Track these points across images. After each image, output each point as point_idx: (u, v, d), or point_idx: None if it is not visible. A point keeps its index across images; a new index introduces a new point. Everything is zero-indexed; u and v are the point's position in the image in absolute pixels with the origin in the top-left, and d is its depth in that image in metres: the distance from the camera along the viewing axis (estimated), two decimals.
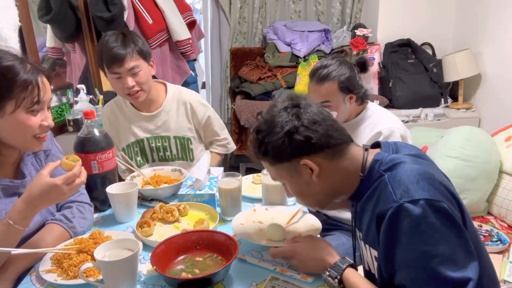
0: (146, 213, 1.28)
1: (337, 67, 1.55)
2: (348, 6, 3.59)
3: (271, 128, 0.92)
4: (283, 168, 0.95)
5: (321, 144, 0.91)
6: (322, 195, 0.99)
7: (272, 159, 0.95)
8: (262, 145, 0.93)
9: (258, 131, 0.95)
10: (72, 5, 2.56)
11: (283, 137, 0.90)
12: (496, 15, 2.80)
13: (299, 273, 1.01)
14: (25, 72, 1.04)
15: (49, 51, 2.75)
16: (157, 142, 1.75)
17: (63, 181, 1.02)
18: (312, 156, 0.92)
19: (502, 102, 2.79)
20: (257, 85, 3.22)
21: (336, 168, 0.94)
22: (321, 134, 0.91)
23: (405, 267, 0.80)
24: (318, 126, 0.91)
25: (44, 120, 1.10)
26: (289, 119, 0.91)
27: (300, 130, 0.90)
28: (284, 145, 0.91)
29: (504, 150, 2.00)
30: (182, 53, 2.84)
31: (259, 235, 1.14)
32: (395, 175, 0.86)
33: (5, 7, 1.85)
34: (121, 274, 0.94)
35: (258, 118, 0.97)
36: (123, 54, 1.54)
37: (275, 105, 0.96)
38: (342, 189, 0.98)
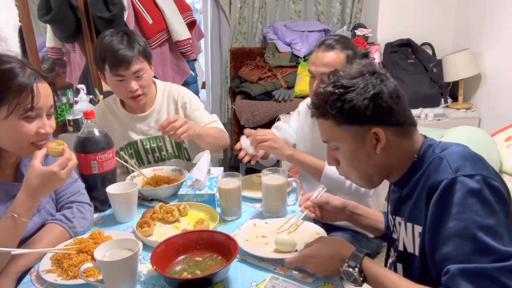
0: (146, 213, 1.28)
1: (346, 41, 1.53)
2: (348, 6, 3.59)
3: (354, 86, 0.89)
4: (349, 131, 0.91)
5: (398, 119, 0.90)
6: (374, 169, 0.96)
7: (343, 118, 0.90)
8: (338, 101, 0.89)
9: (339, 86, 0.90)
10: (72, 5, 2.56)
11: (367, 98, 0.87)
12: (496, 15, 2.79)
13: (299, 273, 1.01)
14: (22, 77, 1.02)
15: (49, 51, 2.76)
16: (151, 143, 1.70)
17: (59, 167, 1.03)
18: (384, 127, 0.90)
19: (502, 102, 2.79)
20: (257, 85, 3.22)
21: (398, 146, 0.93)
22: (400, 109, 0.90)
23: (451, 237, 0.79)
24: (400, 100, 0.90)
25: (41, 128, 1.07)
26: (376, 83, 0.89)
27: (385, 97, 0.88)
28: (366, 107, 0.88)
29: (504, 150, 2.00)
30: (182, 53, 2.84)
31: (267, 249, 1.12)
32: (451, 152, 0.87)
33: (5, 7, 1.85)
34: (121, 274, 0.94)
35: (338, 73, 0.92)
36: (130, 57, 1.49)
37: (353, 67, 0.93)
38: (394, 169, 0.96)
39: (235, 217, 1.31)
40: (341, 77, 0.91)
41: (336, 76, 0.92)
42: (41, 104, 1.05)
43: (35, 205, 1.05)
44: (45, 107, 1.07)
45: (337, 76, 0.92)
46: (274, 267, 1.04)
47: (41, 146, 1.09)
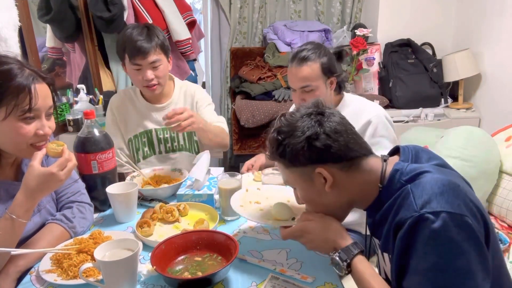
0: (146, 213, 1.28)
1: (317, 49, 1.52)
2: (348, 6, 3.59)
3: (292, 131, 0.92)
4: (297, 173, 0.94)
5: (339, 155, 0.90)
6: (333, 207, 0.98)
7: (288, 162, 0.94)
8: (280, 146, 0.93)
9: (279, 131, 0.94)
10: (72, 5, 2.56)
11: (303, 141, 0.90)
12: (496, 15, 2.80)
13: (299, 273, 1.01)
14: (20, 78, 1.02)
15: (49, 51, 2.75)
16: (165, 133, 1.77)
17: (58, 168, 1.02)
18: (328, 166, 0.91)
19: (502, 102, 2.79)
20: (257, 85, 3.22)
21: (351, 180, 0.93)
22: (341, 145, 0.90)
23: (415, 274, 0.80)
24: (340, 137, 0.91)
25: (40, 129, 1.06)
26: (311, 125, 0.91)
27: (321, 137, 0.90)
28: (303, 150, 0.90)
29: (504, 150, 2.00)
30: (182, 53, 2.84)
31: (262, 215, 1.13)
32: (418, 184, 0.85)
33: (5, 7, 1.85)
34: (121, 274, 0.94)
35: (281, 119, 0.96)
36: (148, 48, 1.58)
37: (299, 109, 0.96)
38: (356, 201, 0.97)
39: (235, 217, 1.31)
40: (284, 123, 0.94)
41: (280, 122, 0.95)
42: (39, 105, 1.04)
43: (34, 206, 1.05)
44: (44, 108, 1.07)
45: (282, 121, 0.95)
46: (274, 267, 1.04)
47: (40, 147, 1.09)
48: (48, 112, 1.09)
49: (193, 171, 1.40)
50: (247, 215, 1.11)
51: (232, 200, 1.18)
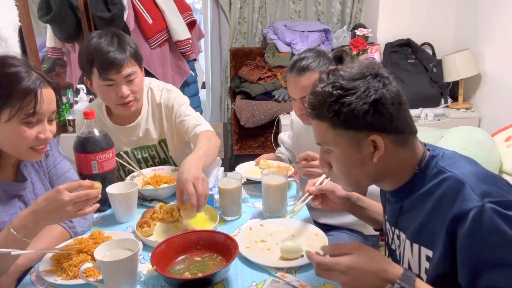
0: (146, 213, 1.27)
1: (317, 58, 1.48)
2: (348, 6, 3.59)
3: (355, 89, 0.83)
4: (344, 136, 0.86)
5: (398, 127, 0.85)
6: (367, 177, 0.92)
7: (339, 122, 0.85)
8: (337, 103, 0.83)
9: (338, 87, 0.84)
10: (72, 5, 2.56)
11: (367, 104, 0.82)
12: (496, 15, 2.79)
13: (298, 280, 1.00)
14: (27, 82, 1.01)
15: (49, 51, 2.75)
16: (143, 152, 1.64)
17: (65, 187, 0.98)
18: (383, 135, 0.84)
19: (502, 102, 2.79)
20: (257, 85, 3.22)
21: (397, 156, 0.87)
22: (402, 116, 0.85)
23: (498, 266, 0.75)
24: (401, 107, 0.85)
25: (41, 133, 1.06)
26: (378, 87, 0.83)
27: (387, 103, 0.83)
28: (365, 113, 0.82)
29: (504, 150, 2.00)
30: (182, 53, 2.84)
31: (272, 256, 1.09)
32: (468, 174, 0.81)
33: (5, 7, 1.85)
34: (121, 274, 0.94)
35: (339, 73, 0.86)
36: (121, 59, 1.39)
37: (356, 66, 0.87)
38: (389, 178, 0.91)
39: (235, 217, 1.31)
40: (341, 77, 0.85)
41: (335, 76, 0.86)
42: (43, 109, 1.05)
43: (36, 228, 0.99)
44: (47, 113, 1.07)
45: (337, 75, 0.86)
46: (275, 271, 1.03)
47: (40, 151, 1.09)
48: (51, 117, 1.09)
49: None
50: (257, 260, 1.07)
51: (239, 240, 1.09)
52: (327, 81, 0.86)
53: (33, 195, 1.16)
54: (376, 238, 1.63)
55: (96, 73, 1.41)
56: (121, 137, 1.60)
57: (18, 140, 1.04)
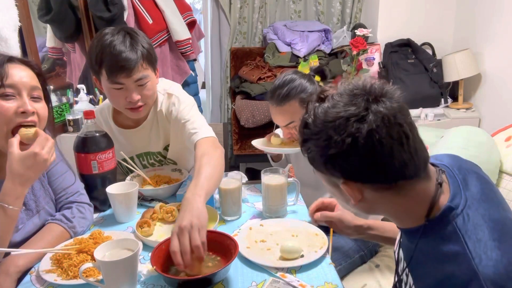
0: (146, 213, 1.27)
1: (296, 84, 1.45)
2: (348, 6, 3.59)
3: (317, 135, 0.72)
4: (323, 176, 0.78)
5: (375, 177, 0.70)
6: (364, 213, 0.82)
7: (311, 163, 0.78)
8: (303, 144, 0.77)
9: (306, 124, 0.75)
10: (72, 5, 2.57)
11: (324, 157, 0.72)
12: (496, 15, 2.79)
13: (298, 280, 1.00)
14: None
15: (49, 51, 2.75)
16: (148, 158, 1.59)
17: (39, 147, 1.01)
18: (358, 183, 0.72)
19: (502, 102, 2.79)
20: (257, 85, 3.22)
21: (388, 202, 0.74)
22: (383, 166, 0.69)
23: None
24: (377, 155, 0.68)
25: (21, 107, 1.04)
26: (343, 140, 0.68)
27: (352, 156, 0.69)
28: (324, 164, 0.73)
29: (504, 150, 2.00)
30: (182, 53, 2.84)
31: (271, 256, 1.09)
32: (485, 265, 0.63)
33: (5, 7, 1.86)
34: (121, 274, 0.94)
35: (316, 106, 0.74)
36: (133, 62, 1.28)
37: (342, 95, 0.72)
38: (391, 219, 0.80)
39: (235, 217, 1.31)
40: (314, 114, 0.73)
41: (315, 109, 0.74)
42: (15, 81, 1.04)
43: (24, 192, 1.02)
44: (23, 87, 1.05)
45: (316, 108, 0.74)
46: (275, 271, 1.04)
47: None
48: (33, 94, 1.08)
49: None
50: (257, 260, 1.07)
51: (239, 241, 1.09)
52: (308, 113, 0.76)
53: (32, 194, 1.16)
54: None
55: (105, 75, 1.31)
56: (126, 140, 1.53)
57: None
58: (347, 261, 1.48)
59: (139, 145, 1.56)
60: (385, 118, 0.67)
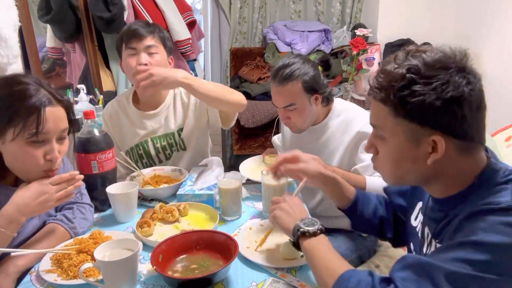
0: (146, 213, 1.27)
1: (300, 66, 1.45)
2: (348, 6, 3.59)
3: (434, 78, 0.72)
4: (405, 127, 0.77)
5: (468, 133, 0.75)
6: (415, 176, 0.83)
7: (404, 111, 0.75)
8: (407, 88, 0.74)
9: (415, 71, 0.74)
10: (72, 5, 2.57)
11: (442, 100, 0.72)
12: (496, 15, 2.79)
13: (298, 280, 1.00)
14: (33, 99, 0.98)
15: (49, 51, 2.76)
16: (161, 141, 1.67)
17: (49, 181, 1.02)
18: (448, 138, 0.75)
19: (502, 102, 2.79)
20: (257, 85, 3.22)
21: (456, 162, 0.78)
22: (476, 124, 0.75)
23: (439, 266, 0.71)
24: (479, 113, 0.75)
25: (48, 153, 1.03)
26: (461, 85, 0.72)
27: (465, 105, 0.73)
28: (437, 109, 0.72)
29: (504, 150, 2.00)
30: (182, 53, 2.84)
31: (272, 257, 1.09)
32: None
33: (5, 7, 1.85)
34: (121, 274, 0.94)
35: (420, 55, 0.76)
36: (144, 32, 1.52)
37: (438, 51, 0.77)
38: (439, 184, 0.83)
39: (235, 217, 1.31)
40: (421, 60, 0.74)
41: (415, 58, 0.75)
42: (48, 129, 1.01)
43: (19, 219, 1.01)
44: (54, 132, 1.03)
45: (416, 57, 0.75)
46: (275, 271, 1.03)
47: (52, 174, 1.07)
48: (61, 136, 1.06)
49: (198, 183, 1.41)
50: (257, 260, 1.07)
51: (239, 241, 1.09)
52: (403, 60, 0.76)
53: None
54: (374, 238, 1.62)
55: (124, 47, 1.54)
56: (142, 123, 1.66)
57: (26, 161, 1.02)
58: None
59: (156, 126, 1.66)
60: (481, 80, 0.77)
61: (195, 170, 1.52)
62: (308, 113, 1.50)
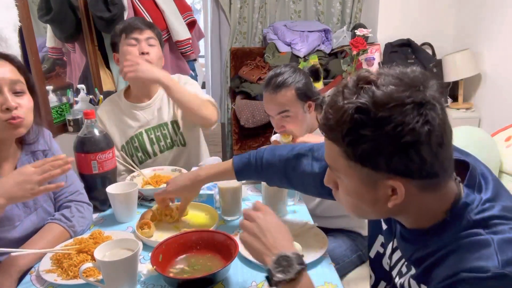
0: (146, 214, 1.27)
1: (292, 74, 1.48)
2: (348, 6, 3.59)
3: (384, 121, 0.63)
4: (358, 171, 0.69)
5: (428, 173, 0.67)
6: (377, 215, 0.79)
7: (354, 155, 0.67)
8: (356, 132, 0.65)
9: (364, 111, 0.64)
10: (72, 5, 2.56)
11: (396, 146, 0.64)
12: (496, 15, 2.80)
13: None
14: None
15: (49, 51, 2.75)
16: (155, 131, 1.73)
17: (30, 165, 1.03)
18: (408, 180, 0.67)
19: (502, 102, 2.79)
20: (257, 85, 3.22)
21: (420, 200, 0.71)
22: (441, 161, 0.66)
23: None
24: (443, 149, 0.66)
25: (3, 104, 1.04)
26: (416, 126, 0.62)
27: (424, 148, 0.64)
28: (389, 155, 0.65)
29: (504, 150, 2.00)
30: (182, 53, 2.84)
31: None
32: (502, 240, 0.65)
33: (5, 7, 1.85)
34: (121, 274, 0.94)
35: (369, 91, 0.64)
36: (144, 26, 1.65)
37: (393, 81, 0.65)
38: (405, 219, 0.78)
39: (235, 217, 1.31)
40: (372, 97, 0.64)
41: (366, 92, 0.65)
42: None
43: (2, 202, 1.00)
44: (3, 82, 1.06)
45: (368, 91, 0.65)
46: None
47: (12, 123, 1.07)
48: (14, 88, 1.08)
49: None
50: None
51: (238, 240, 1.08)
52: (353, 94, 0.66)
53: None
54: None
55: (124, 36, 1.64)
56: (135, 114, 1.72)
57: None
58: (345, 261, 1.48)
59: (149, 118, 1.72)
60: (444, 109, 0.66)
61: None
62: (302, 120, 1.51)
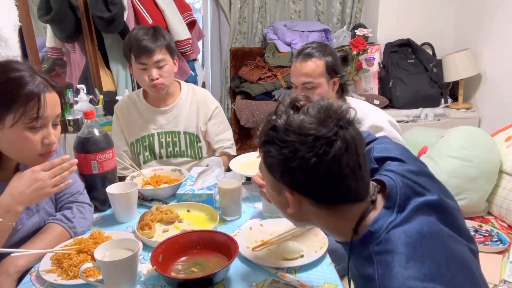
0: (145, 215, 1.26)
1: (323, 48, 1.53)
2: (348, 6, 3.59)
3: (284, 146, 0.72)
4: (271, 178, 0.79)
5: (320, 197, 0.74)
6: (295, 220, 0.86)
7: (265, 164, 0.79)
8: (264, 145, 0.76)
9: (277, 131, 0.74)
10: (72, 5, 2.57)
11: (288, 167, 0.73)
12: (496, 15, 2.80)
13: (298, 280, 1.00)
14: (31, 86, 1.01)
15: (49, 51, 2.76)
16: (167, 137, 1.77)
17: (39, 168, 1.03)
18: (301, 196, 0.75)
19: (502, 102, 2.79)
20: (257, 85, 3.22)
21: (318, 215, 0.78)
22: (333, 190, 0.73)
23: None
24: (335, 181, 0.72)
25: (46, 138, 1.06)
26: (305, 156, 0.70)
27: (309, 175, 0.71)
28: (283, 173, 0.74)
29: (504, 150, 2.00)
30: (182, 53, 2.84)
31: (272, 257, 1.09)
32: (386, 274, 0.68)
33: (5, 7, 1.86)
34: (121, 274, 0.94)
35: (289, 113, 0.74)
36: (153, 47, 1.60)
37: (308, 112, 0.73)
38: (322, 229, 0.85)
39: (235, 217, 1.31)
40: (284, 123, 0.73)
41: (287, 116, 0.74)
42: (47, 114, 1.04)
43: (16, 208, 1.02)
44: (51, 117, 1.07)
45: (288, 115, 0.74)
46: (275, 271, 1.03)
47: (47, 157, 1.09)
48: (55, 121, 1.10)
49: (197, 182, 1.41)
50: (257, 260, 1.07)
51: (239, 242, 1.08)
52: (281, 113, 0.75)
53: None
54: None
55: (133, 58, 1.64)
56: (152, 118, 1.77)
57: (24, 146, 1.04)
58: (345, 261, 1.47)
59: (164, 122, 1.77)
60: (349, 147, 0.71)
61: (195, 170, 1.52)
62: (325, 95, 1.51)
